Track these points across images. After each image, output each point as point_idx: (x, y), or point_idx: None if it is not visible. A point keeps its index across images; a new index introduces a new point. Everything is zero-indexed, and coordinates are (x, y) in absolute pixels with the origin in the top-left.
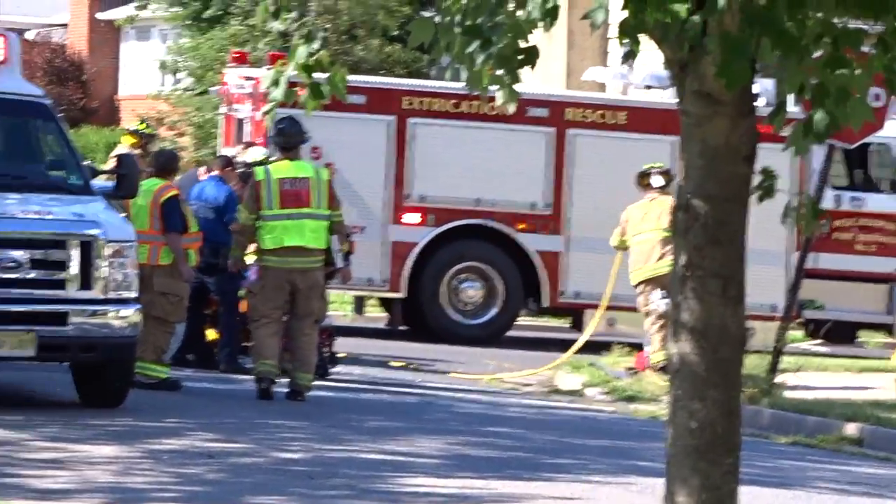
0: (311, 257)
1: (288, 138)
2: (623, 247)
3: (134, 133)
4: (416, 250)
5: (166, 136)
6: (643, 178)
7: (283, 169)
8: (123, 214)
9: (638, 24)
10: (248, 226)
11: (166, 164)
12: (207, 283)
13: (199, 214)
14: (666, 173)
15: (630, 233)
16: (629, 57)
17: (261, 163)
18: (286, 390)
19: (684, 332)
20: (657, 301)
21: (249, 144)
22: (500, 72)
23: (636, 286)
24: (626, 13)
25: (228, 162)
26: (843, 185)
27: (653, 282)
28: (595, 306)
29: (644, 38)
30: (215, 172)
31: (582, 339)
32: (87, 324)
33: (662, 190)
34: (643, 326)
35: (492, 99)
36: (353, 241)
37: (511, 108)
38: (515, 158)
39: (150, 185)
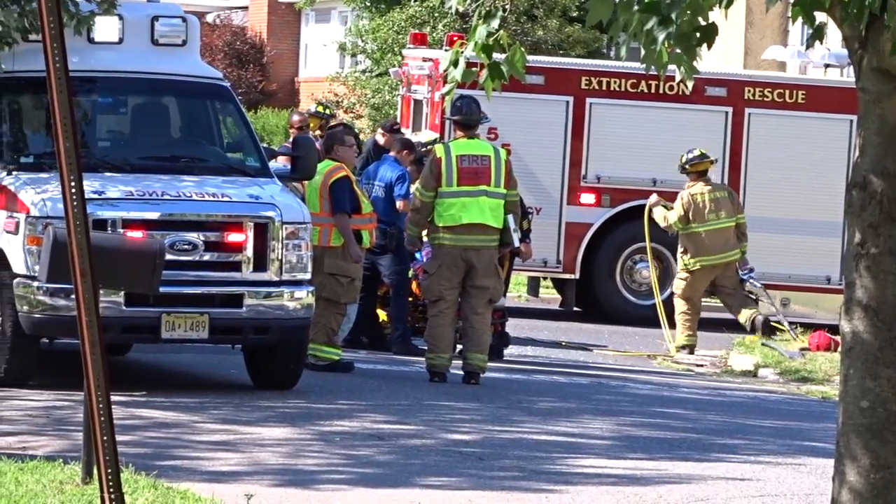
0: (487, 235)
1: (468, 116)
2: (679, 229)
3: (315, 115)
4: (591, 231)
5: (344, 118)
6: (697, 165)
7: (462, 146)
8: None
9: (813, 1)
10: (426, 203)
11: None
12: (378, 265)
13: (373, 194)
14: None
15: (699, 220)
16: (816, 38)
17: (432, 142)
18: (460, 373)
19: (858, 309)
20: (752, 281)
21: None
22: (678, 50)
23: (690, 272)
24: None
25: (407, 145)
26: None
27: (716, 269)
28: (770, 287)
29: (822, 16)
30: (392, 153)
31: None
32: (261, 306)
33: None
34: (679, 309)
35: (669, 78)
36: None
37: (689, 87)
38: (692, 138)
39: (322, 167)
